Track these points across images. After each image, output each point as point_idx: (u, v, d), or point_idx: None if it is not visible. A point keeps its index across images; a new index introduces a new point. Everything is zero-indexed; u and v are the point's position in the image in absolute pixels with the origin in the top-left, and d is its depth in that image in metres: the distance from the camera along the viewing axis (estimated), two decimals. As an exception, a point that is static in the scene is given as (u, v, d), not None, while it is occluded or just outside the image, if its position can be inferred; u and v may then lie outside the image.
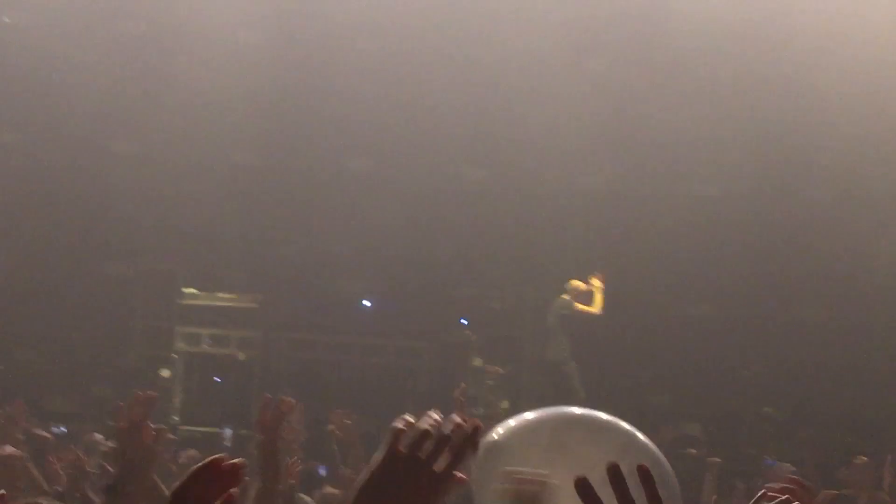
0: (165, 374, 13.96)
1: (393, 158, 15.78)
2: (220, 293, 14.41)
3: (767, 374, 15.47)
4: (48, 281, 15.10)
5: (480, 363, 14.42)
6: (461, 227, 15.69)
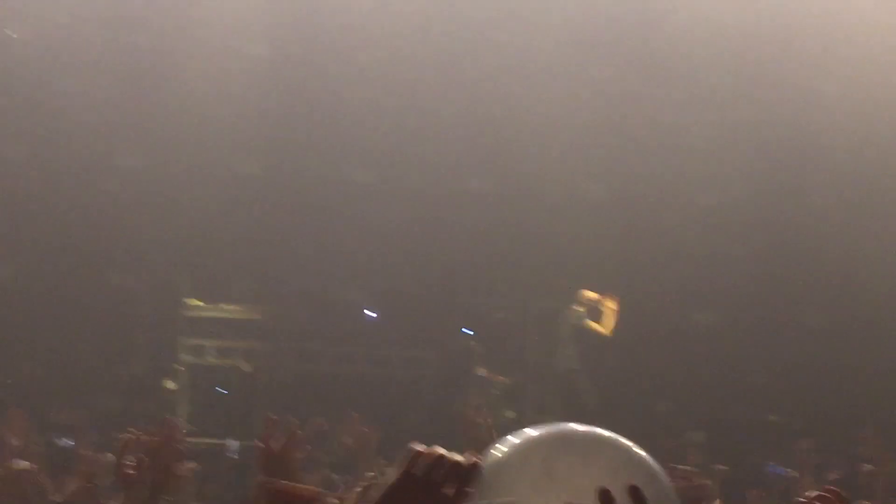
0: (170, 385, 13.99)
1: (397, 168, 15.80)
2: (224, 304, 14.43)
3: (772, 381, 15.46)
4: (52, 293, 15.11)
5: (484, 372, 14.43)
6: (465, 236, 15.69)
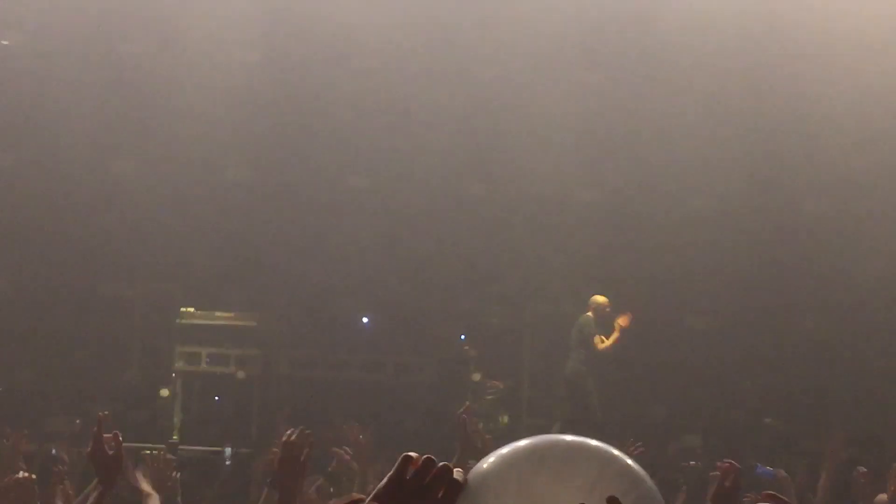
0: (165, 393, 13.96)
1: (391, 175, 15.79)
2: (218, 312, 14.41)
3: (768, 385, 15.45)
4: (47, 301, 15.08)
5: (480, 378, 14.42)
6: (459, 242, 15.68)
